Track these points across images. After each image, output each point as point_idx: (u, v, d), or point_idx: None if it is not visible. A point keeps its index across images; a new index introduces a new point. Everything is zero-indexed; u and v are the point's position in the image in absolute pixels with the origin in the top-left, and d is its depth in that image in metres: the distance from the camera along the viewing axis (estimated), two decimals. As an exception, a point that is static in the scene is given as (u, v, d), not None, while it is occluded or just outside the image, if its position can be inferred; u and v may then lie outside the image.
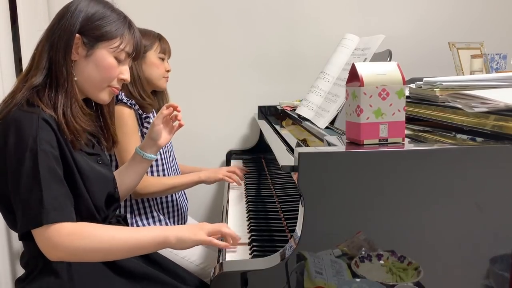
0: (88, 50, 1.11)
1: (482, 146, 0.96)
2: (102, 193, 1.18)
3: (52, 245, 0.99)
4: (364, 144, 0.95)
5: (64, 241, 0.99)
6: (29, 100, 1.05)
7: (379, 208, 0.93)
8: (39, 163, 0.99)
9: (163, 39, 1.72)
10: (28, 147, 1.00)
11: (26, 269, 1.15)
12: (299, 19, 2.33)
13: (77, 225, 1.02)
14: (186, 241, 1.05)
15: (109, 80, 1.14)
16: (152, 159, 1.37)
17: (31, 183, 0.99)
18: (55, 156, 1.03)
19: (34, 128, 1.01)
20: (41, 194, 0.98)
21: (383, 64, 0.98)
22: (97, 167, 1.17)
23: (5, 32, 1.71)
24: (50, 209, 0.98)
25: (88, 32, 1.10)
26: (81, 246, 1.00)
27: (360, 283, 0.93)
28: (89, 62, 1.12)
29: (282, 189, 1.63)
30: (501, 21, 2.33)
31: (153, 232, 1.07)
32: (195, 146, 2.33)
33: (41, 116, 1.03)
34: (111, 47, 1.12)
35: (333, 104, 1.41)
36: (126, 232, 1.08)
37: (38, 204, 0.98)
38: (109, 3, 1.17)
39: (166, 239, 1.05)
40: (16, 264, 1.66)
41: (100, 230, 1.05)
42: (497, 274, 0.94)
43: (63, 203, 1.01)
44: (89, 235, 1.01)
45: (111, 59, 1.13)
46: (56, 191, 1.01)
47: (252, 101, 2.32)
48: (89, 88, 1.14)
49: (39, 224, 0.98)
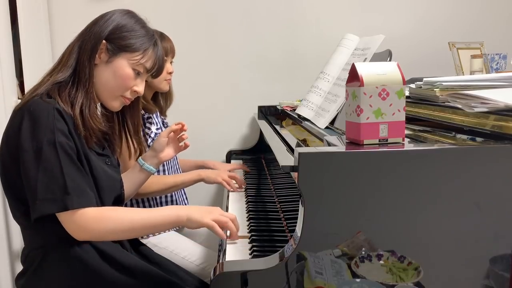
0: (110, 56, 1.16)
1: (482, 146, 0.96)
2: (110, 192, 1.21)
3: (80, 228, 1.06)
4: (364, 144, 0.95)
5: (91, 225, 1.06)
6: (49, 93, 1.11)
7: (379, 208, 0.93)
8: (59, 153, 1.04)
9: (165, 39, 1.70)
10: (46, 137, 1.04)
11: (25, 263, 1.16)
12: (299, 19, 2.33)
13: (100, 210, 1.10)
14: (194, 221, 1.10)
15: (123, 89, 1.19)
16: (151, 172, 1.39)
17: (52, 172, 1.03)
18: (71, 146, 1.08)
19: (50, 118, 1.06)
20: (64, 181, 1.03)
21: (383, 64, 0.98)
22: (106, 168, 1.19)
23: (5, 32, 1.71)
24: (74, 195, 1.04)
25: (114, 40, 1.16)
26: (105, 229, 1.08)
27: (360, 283, 0.93)
28: (108, 68, 1.16)
29: (282, 189, 1.63)
30: (501, 21, 2.33)
31: (166, 211, 1.14)
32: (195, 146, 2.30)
33: (55, 106, 1.07)
34: (132, 59, 1.17)
35: (333, 104, 1.41)
36: (144, 213, 1.15)
37: (62, 190, 1.03)
38: (142, 20, 1.23)
39: (178, 218, 1.11)
40: (16, 264, 1.66)
41: (121, 213, 1.13)
42: (497, 274, 0.94)
43: (84, 189, 1.07)
44: (111, 218, 1.09)
45: (129, 70, 1.17)
46: (77, 178, 1.06)
47: (252, 101, 2.31)
48: (102, 93, 1.19)
49: (64, 209, 1.04)
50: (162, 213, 1.13)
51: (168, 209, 1.20)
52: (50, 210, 1.03)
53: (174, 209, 1.15)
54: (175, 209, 1.16)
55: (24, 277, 1.14)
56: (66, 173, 1.04)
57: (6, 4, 1.74)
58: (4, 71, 1.67)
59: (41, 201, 1.03)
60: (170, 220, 1.11)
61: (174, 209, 1.17)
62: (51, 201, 1.03)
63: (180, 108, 1.98)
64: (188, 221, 1.11)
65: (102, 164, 1.19)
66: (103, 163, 1.20)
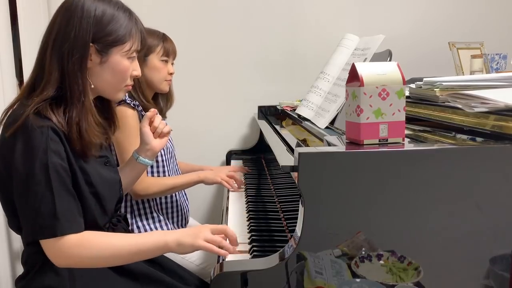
0: (102, 57, 1.09)
1: (482, 146, 0.96)
2: (112, 197, 1.19)
3: (61, 255, 1.02)
4: (364, 144, 0.95)
5: (73, 252, 1.02)
6: (40, 112, 1.02)
7: (379, 208, 0.93)
8: (51, 175, 1.00)
9: (167, 40, 1.70)
10: (38, 158, 1.00)
11: (25, 266, 1.15)
12: (299, 19, 2.33)
13: (82, 235, 1.04)
14: (186, 246, 1.05)
15: (125, 80, 1.15)
16: (146, 164, 1.35)
17: (43, 195, 1.00)
18: (65, 168, 1.03)
19: (44, 139, 1.00)
20: (54, 206, 1.00)
21: (383, 64, 0.98)
22: (104, 172, 1.17)
23: (5, 32, 1.71)
24: (63, 221, 1.00)
25: (100, 39, 1.07)
26: (87, 255, 1.03)
27: (360, 283, 0.93)
28: (104, 68, 1.10)
29: (282, 189, 1.63)
30: (501, 21, 2.33)
31: (153, 237, 1.07)
32: (195, 146, 2.33)
33: (51, 126, 1.02)
34: (124, 51, 1.11)
35: (333, 104, 1.41)
36: (128, 239, 1.09)
37: (51, 215, 1.00)
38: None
39: (166, 245, 1.05)
40: (16, 264, 1.66)
41: (104, 239, 1.07)
42: (497, 274, 0.94)
43: (74, 214, 1.04)
44: (94, 245, 1.04)
45: (125, 61, 1.12)
46: (67, 203, 1.02)
47: (252, 101, 2.31)
48: (105, 91, 1.15)
49: (52, 235, 1.00)
50: (149, 240, 1.06)
51: (156, 234, 1.10)
52: (40, 237, 1.01)
53: (162, 235, 1.08)
54: (163, 234, 1.08)
55: (25, 280, 1.14)
56: (56, 197, 1.00)
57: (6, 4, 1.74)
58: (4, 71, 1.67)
59: (31, 227, 1.01)
60: (157, 247, 1.05)
61: (161, 234, 1.09)
62: (40, 227, 1.00)
63: (180, 108, 1.98)
64: (179, 247, 1.05)
65: (101, 167, 1.16)
66: (102, 165, 1.18)
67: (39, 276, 1.10)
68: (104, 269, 1.14)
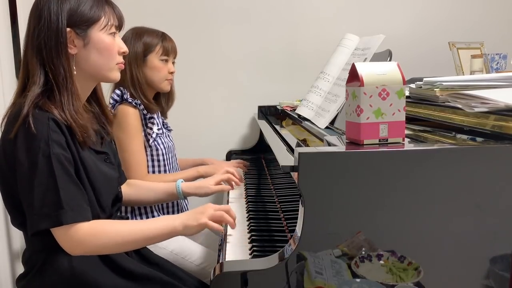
0: (84, 39, 1.11)
1: (482, 146, 0.96)
2: (109, 192, 1.20)
3: (74, 243, 1.05)
4: (364, 144, 0.95)
5: (85, 240, 1.04)
6: (41, 107, 1.05)
7: (379, 208, 0.93)
8: (54, 166, 1.02)
9: (166, 39, 1.70)
10: (41, 150, 1.01)
11: (26, 265, 1.16)
12: (299, 19, 2.33)
13: (93, 224, 1.07)
14: (192, 227, 1.11)
15: (114, 58, 1.16)
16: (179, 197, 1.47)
17: (47, 185, 1.01)
18: (67, 158, 1.05)
19: (45, 130, 1.02)
20: (59, 196, 1.01)
21: (383, 64, 0.98)
22: (103, 167, 1.18)
23: (5, 32, 1.71)
24: (68, 210, 1.02)
25: (75, 22, 1.10)
26: (99, 243, 1.06)
27: (360, 283, 0.93)
28: (89, 49, 1.12)
29: (282, 189, 1.63)
30: (501, 21, 2.33)
31: (162, 222, 1.12)
32: (195, 146, 2.33)
33: (52, 118, 1.04)
34: (102, 27, 1.13)
35: (333, 104, 1.41)
36: (138, 225, 1.14)
37: (56, 205, 1.01)
38: None
39: (174, 229, 1.10)
40: (16, 264, 1.66)
41: (115, 226, 1.10)
42: (497, 274, 0.94)
43: (79, 203, 1.05)
44: (105, 232, 1.07)
45: (108, 37, 1.14)
46: (72, 192, 1.04)
47: (252, 101, 2.31)
48: (99, 73, 1.16)
49: (58, 224, 1.02)
50: (157, 225, 1.11)
51: (163, 220, 1.15)
52: (44, 226, 1.02)
53: (169, 220, 1.12)
54: (171, 219, 1.13)
55: (25, 279, 1.14)
56: (60, 186, 1.01)
57: (6, 4, 1.75)
58: (4, 71, 1.67)
59: (36, 217, 1.02)
60: (166, 231, 1.10)
61: (169, 219, 1.13)
62: (45, 217, 1.01)
63: (180, 108, 1.98)
64: (186, 229, 1.10)
65: (100, 163, 1.17)
66: (102, 160, 1.19)
67: (39, 276, 1.11)
68: (104, 269, 1.14)
